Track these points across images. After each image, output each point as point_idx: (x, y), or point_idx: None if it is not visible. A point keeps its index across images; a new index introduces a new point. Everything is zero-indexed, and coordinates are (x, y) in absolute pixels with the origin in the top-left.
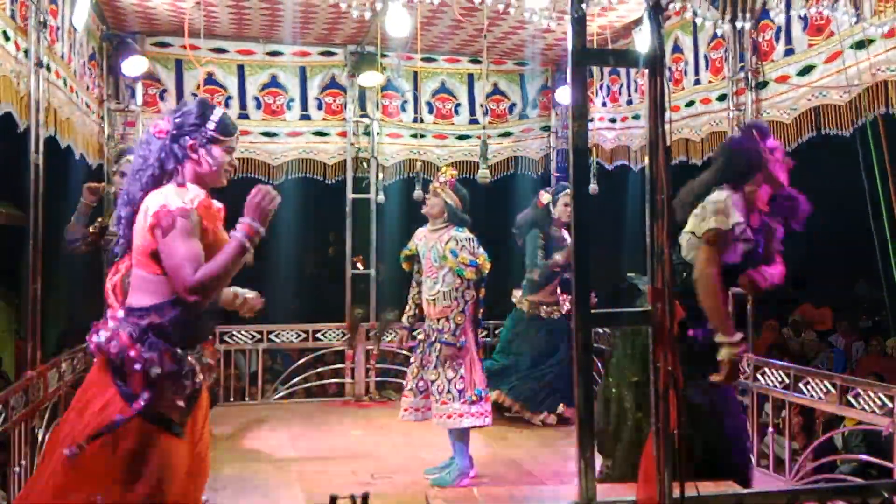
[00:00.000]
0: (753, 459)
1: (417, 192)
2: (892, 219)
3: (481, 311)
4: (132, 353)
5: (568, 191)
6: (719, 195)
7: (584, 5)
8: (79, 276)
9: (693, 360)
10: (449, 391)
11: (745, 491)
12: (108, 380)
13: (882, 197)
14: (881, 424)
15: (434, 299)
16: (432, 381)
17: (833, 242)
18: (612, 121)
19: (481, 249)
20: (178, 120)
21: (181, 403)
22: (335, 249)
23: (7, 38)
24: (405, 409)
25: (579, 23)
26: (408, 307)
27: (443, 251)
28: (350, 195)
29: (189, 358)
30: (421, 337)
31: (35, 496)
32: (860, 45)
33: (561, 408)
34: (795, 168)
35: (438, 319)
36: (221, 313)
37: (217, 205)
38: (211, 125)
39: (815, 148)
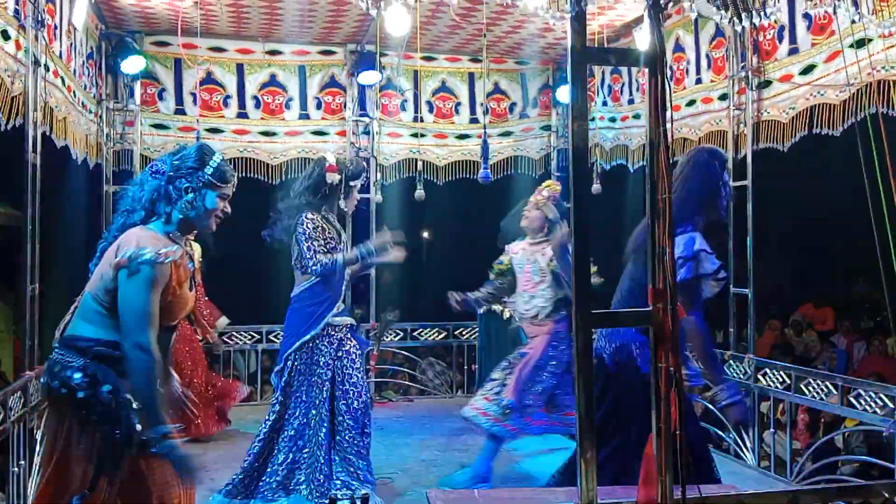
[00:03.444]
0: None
1: (419, 193)
2: (892, 218)
3: None
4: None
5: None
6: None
7: (583, 4)
8: (79, 276)
9: None
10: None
11: (746, 492)
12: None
13: (883, 195)
14: (882, 425)
15: (534, 314)
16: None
17: (833, 242)
18: (613, 120)
19: None
20: (175, 162)
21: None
22: None
23: (7, 38)
24: None
25: (579, 21)
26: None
27: (545, 266)
28: None
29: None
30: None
31: None
32: (859, 43)
33: None
34: (796, 167)
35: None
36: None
37: (189, 265)
38: (209, 170)
39: (814, 147)
